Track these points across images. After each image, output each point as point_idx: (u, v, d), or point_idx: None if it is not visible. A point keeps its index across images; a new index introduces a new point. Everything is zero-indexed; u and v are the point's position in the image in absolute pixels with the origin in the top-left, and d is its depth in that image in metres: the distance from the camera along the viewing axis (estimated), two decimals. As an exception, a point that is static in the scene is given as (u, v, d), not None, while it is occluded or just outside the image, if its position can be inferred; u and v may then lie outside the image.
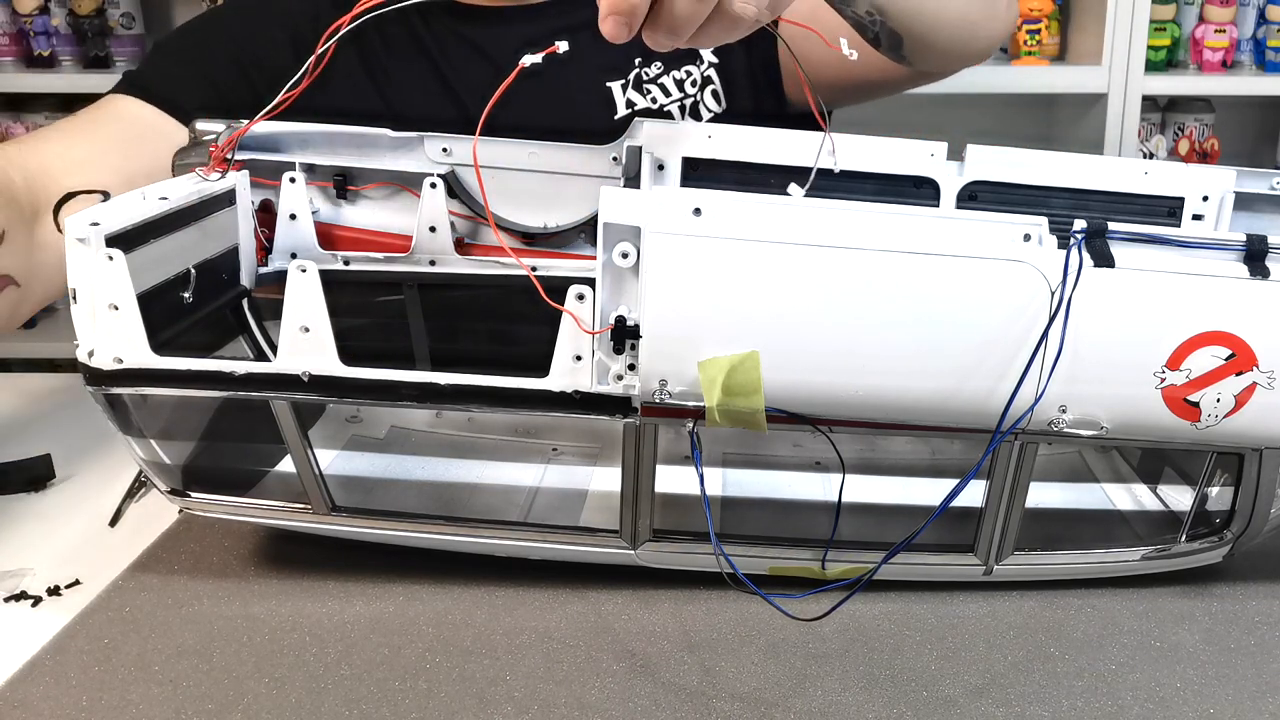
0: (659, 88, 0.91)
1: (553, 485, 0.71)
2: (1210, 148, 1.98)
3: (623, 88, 0.90)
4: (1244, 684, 0.56)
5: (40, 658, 0.57)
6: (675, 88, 0.91)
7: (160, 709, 0.53)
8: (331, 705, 0.54)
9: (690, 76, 0.91)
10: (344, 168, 0.72)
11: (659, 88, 0.91)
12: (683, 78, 0.91)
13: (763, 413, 0.53)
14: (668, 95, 0.91)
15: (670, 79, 0.91)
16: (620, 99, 0.91)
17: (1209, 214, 0.67)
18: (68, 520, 0.72)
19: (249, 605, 0.62)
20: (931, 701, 0.54)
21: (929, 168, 0.67)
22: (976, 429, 0.56)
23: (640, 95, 0.90)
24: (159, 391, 0.59)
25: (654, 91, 0.91)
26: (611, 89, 0.91)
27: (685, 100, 0.92)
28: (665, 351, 0.53)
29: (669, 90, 0.91)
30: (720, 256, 0.52)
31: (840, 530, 0.61)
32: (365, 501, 0.64)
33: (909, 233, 0.54)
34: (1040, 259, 0.53)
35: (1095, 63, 1.79)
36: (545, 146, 0.70)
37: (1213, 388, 0.55)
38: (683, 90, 0.91)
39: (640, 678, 0.56)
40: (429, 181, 0.70)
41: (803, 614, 0.59)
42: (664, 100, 0.91)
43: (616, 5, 0.53)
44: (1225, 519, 0.62)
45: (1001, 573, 0.62)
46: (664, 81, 0.91)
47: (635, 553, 0.62)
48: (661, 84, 0.91)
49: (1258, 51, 1.92)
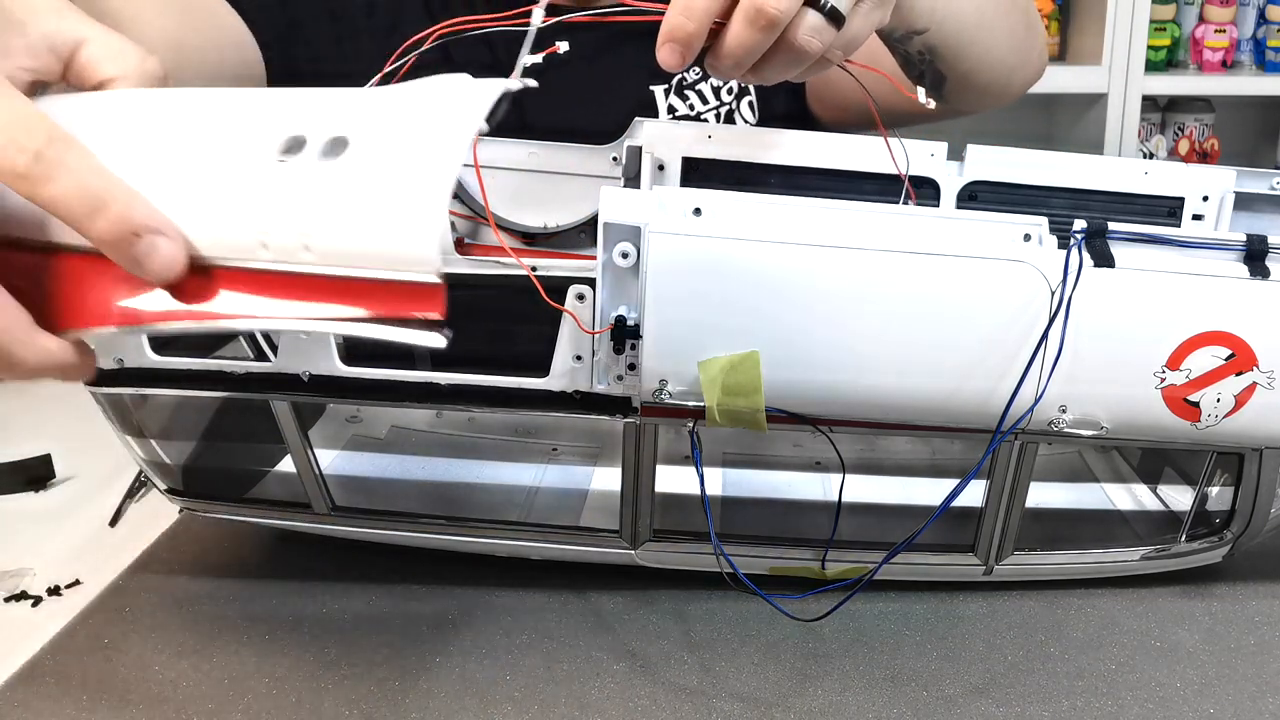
0: (697, 94, 0.91)
1: (553, 485, 0.71)
2: (1210, 148, 1.98)
3: (665, 92, 0.90)
4: (1244, 684, 0.56)
5: (40, 658, 0.57)
6: (713, 95, 0.91)
7: (160, 709, 0.53)
8: (331, 705, 0.54)
9: (727, 84, 0.91)
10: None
11: (697, 94, 0.91)
12: (720, 85, 0.91)
13: (763, 413, 0.53)
14: (705, 102, 0.91)
15: (709, 85, 0.91)
16: (663, 104, 0.91)
17: (1209, 214, 0.67)
18: (68, 520, 0.72)
19: (249, 605, 0.62)
20: (931, 701, 0.54)
21: (929, 168, 0.67)
22: (976, 429, 0.56)
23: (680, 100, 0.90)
24: (159, 391, 0.59)
25: (692, 98, 0.91)
26: (654, 92, 0.91)
27: (721, 108, 0.92)
28: (665, 351, 0.53)
29: (707, 97, 0.91)
30: (720, 256, 0.52)
31: (840, 530, 0.61)
32: (365, 501, 0.64)
33: (909, 233, 0.54)
34: (1040, 259, 0.53)
35: (1095, 63, 1.79)
36: (545, 146, 0.70)
37: (1213, 388, 0.55)
38: (719, 98, 0.91)
39: (640, 678, 0.56)
40: (429, 181, 0.69)
41: (803, 614, 0.59)
42: (702, 107, 0.91)
43: (673, 33, 0.53)
44: (1225, 519, 0.63)
45: (1001, 573, 0.62)
46: (702, 88, 0.91)
47: (635, 553, 0.62)
48: (699, 90, 0.91)
49: (1258, 51, 1.92)
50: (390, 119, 0.45)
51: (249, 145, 0.45)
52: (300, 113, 0.46)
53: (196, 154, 0.45)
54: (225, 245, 0.45)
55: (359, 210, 0.43)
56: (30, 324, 0.44)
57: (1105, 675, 0.56)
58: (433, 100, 0.46)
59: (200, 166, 0.45)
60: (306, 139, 0.44)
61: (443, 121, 0.45)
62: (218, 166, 0.45)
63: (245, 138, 0.45)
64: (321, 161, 0.44)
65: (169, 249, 0.43)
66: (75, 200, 0.42)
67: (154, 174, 0.44)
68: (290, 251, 0.44)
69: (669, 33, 0.53)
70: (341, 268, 0.44)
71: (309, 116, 0.45)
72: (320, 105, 0.47)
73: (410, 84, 0.47)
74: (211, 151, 0.45)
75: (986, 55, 0.84)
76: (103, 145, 0.44)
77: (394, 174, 0.43)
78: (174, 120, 0.47)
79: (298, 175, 0.44)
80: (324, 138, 0.44)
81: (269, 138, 0.45)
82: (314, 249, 0.44)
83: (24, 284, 0.44)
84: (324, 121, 0.45)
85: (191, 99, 0.48)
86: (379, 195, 0.43)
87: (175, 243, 0.44)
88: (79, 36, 0.48)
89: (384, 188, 0.43)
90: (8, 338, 0.43)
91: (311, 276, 0.45)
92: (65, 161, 0.42)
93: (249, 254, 0.44)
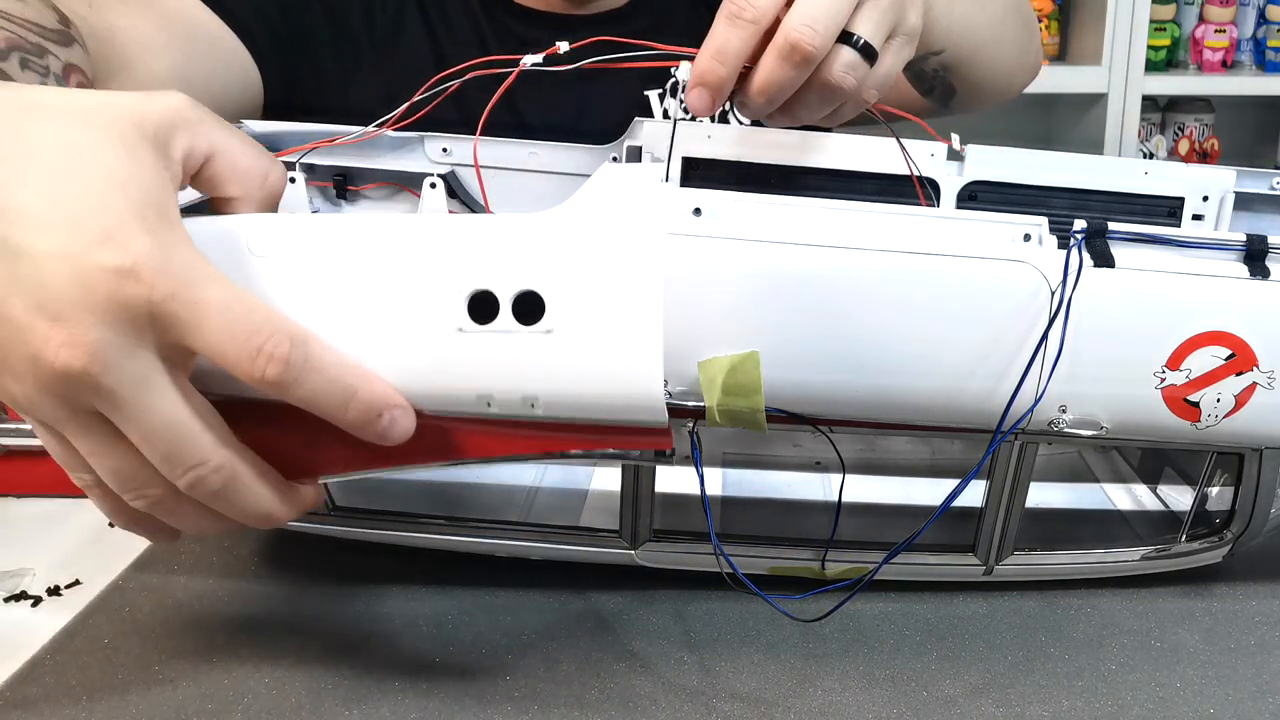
0: None
1: (553, 485, 0.71)
2: (1210, 148, 1.98)
3: (660, 96, 0.90)
4: (1244, 684, 0.56)
5: (40, 658, 0.57)
6: None
7: (160, 709, 0.53)
8: (331, 705, 0.54)
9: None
10: (344, 168, 0.72)
11: None
12: None
13: (763, 413, 0.53)
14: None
15: None
16: (657, 108, 0.90)
17: (1209, 214, 0.67)
18: (68, 520, 0.72)
19: (249, 605, 0.62)
20: (931, 701, 0.54)
21: (929, 168, 0.67)
22: (976, 429, 0.56)
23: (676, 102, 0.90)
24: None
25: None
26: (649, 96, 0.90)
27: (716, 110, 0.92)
28: (665, 351, 0.53)
29: None
30: (720, 256, 0.52)
31: (840, 530, 0.61)
32: (365, 502, 0.64)
33: (909, 233, 0.54)
34: (1040, 259, 0.53)
35: (1095, 63, 1.79)
36: (545, 146, 0.70)
37: (1213, 388, 0.55)
38: None
39: (640, 678, 0.56)
40: (429, 181, 0.69)
41: (803, 614, 0.59)
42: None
43: (704, 77, 0.53)
44: (1225, 519, 0.63)
45: (1001, 573, 0.62)
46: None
47: (635, 553, 0.62)
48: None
49: (1258, 51, 1.92)
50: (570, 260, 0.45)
51: (437, 305, 0.45)
52: (476, 256, 0.45)
53: (389, 313, 0.45)
54: (447, 407, 0.46)
55: (578, 375, 0.45)
56: (283, 481, 0.46)
57: (1105, 675, 0.56)
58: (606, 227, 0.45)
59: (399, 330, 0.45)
60: (497, 296, 0.45)
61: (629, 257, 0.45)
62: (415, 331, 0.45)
63: (428, 293, 0.45)
64: (523, 328, 0.45)
65: (406, 421, 0.45)
66: (326, 398, 0.43)
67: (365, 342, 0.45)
68: (517, 409, 0.46)
69: (700, 77, 0.53)
70: (572, 418, 0.46)
71: (488, 263, 0.45)
72: (493, 245, 0.46)
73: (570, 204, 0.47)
74: (402, 311, 0.45)
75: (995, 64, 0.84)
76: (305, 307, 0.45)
77: (604, 337, 0.45)
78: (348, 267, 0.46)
79: (501, 342, 0.45)
80: (513, 292, 0.45)
81: (453, 293, 0.45)
82: (540, 405, 0.46)
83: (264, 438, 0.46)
84: (507, 271, 0.45)
85: (350, 232, 0.46)
86: (595, 360, 0.45)
87: (409, 413, 0.45)
88: (210, 149, 0.47)
89: (599, 354, 0.45)
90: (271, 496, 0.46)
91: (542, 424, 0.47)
92: (310, 362, 0.42)
93: (477, 410, 0.46)
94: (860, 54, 0.54)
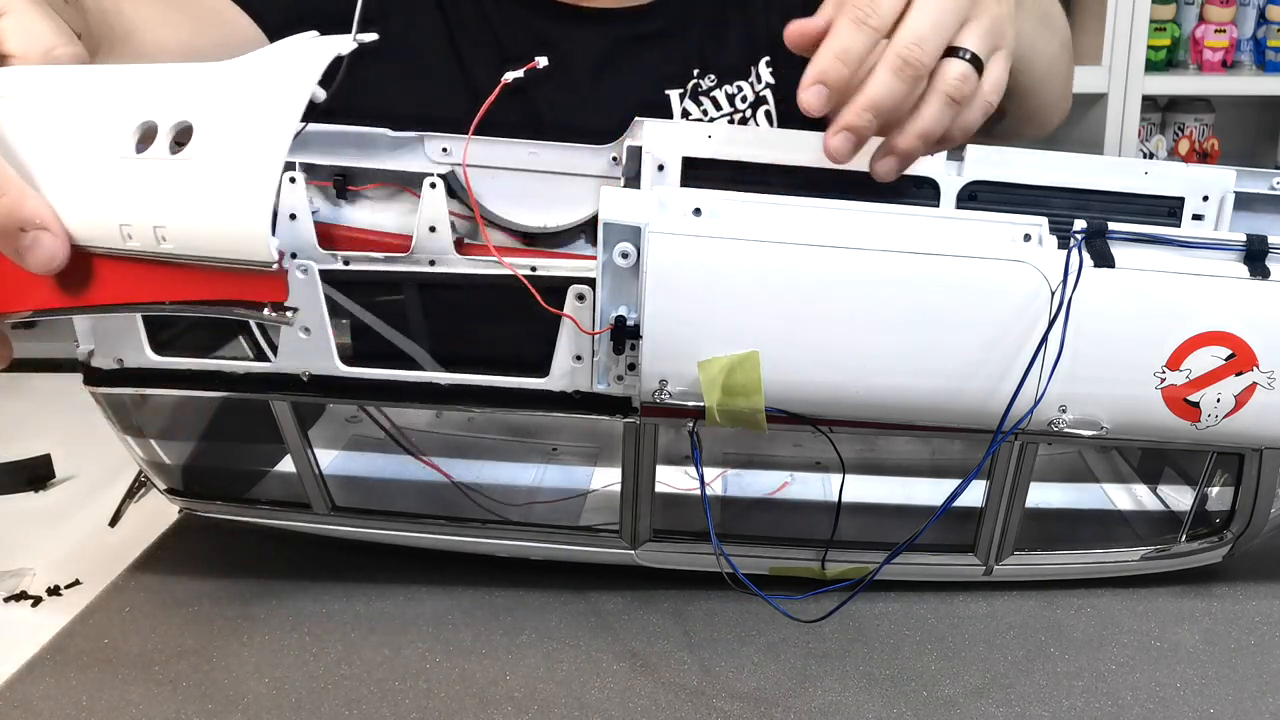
0: (712, 101, 0.91)
1: (553, 485, 0.71)
2: (1210, 148, 1.98)
3: (680, 97, 0.90)
4: (1244, 684, 0.56)
5: (40, 658, 0.57)
6: (727, 102, 0.91)
7: (160, 709, 0.53)
8: (331, 705, 0.54)
9: (741, 92, 0.91)
10: (344, 167, 0.72)
11: (712, 101, 0.91)
12: (734, 92, 0.91)
13: (763, 413, 0.53)
14: (719, 109, 0.91)
15: (723, 93, 0.91)
16: (677, 108, 0.90)
17: (1209, 214, 0.67)
18: (68, 520, 0.72)
19: (249, 605, 0.62)
20: (931, 701, 0.54)
21: (929, 167, 0.67)
22: (977, 429, 0.56)
23: (695, 105, 0.90)
24: (159, 391, 0.59)
25: (707, 104, 0.91)
26: (670, 96, 0.90)
27: (735, 116, 0.91)
28: (665, 351, 0.53)
29: (720, 104, 0.91)
30: (720, 256, 0.52)
31: (840, 530, 0.61)
32: (365, 501, 0.64)
33: (909, 233, 0.54)
34: (1040, 259, 0.53)
35: (1095, 63, 1.79)
36: (545, 146, 0.70)
37: (1213, 388, 0.55)
38: (734, 105, 0.91)
39: (640, 678, 0.56)
40: (429, 181, 0.69)
41: (803, 614, 0.59)
42: (715, 114, 0.91)
43: (824, 74, 0.53)
44: (1225, 519, 0.63)
45: (1001, 573, 0.62)
46: (717, 94, 0.91)
47: (635, 553, 0.62)
48: (714, 97, 0.91)
49: (1258, 51, 1.92)
50: (230, 101, 0.49)
51: (109, 134, 0.49)
52: (156, 95, 0.50)
53: (66, 143, 0.49)
54: (95, 235, 0.49)
55: (200, 204, 0.48)
56: None
57: (1105, 675, 0.56)
58: (268, 77, 0.50)
59: (69, 156, 0.49)
60: (158, 127, 0.48)
61: (273, 103, 0.49)
62: (83, 157, 0.49)
63: (107, 126, 0.49)
64: (168, 153, 0.48)
65: (51, 244, 0.47)
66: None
67: (34, 163, 0.49)
68: (149, 240, 0.49)
69: (821, 75, 0.54)
70: (196, 256, 0.49)
71: (163, 99, 0.49)
72: (174, 85, 0.50)
73: (254, 55, 0.51)
74: (78, 141, 0.49)
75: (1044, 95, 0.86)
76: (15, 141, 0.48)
77: (227, 168, 0.47)
78: (50, 105, 0.50)
79: (148, 169, 0.48)
80: (172, 123, 0.48)
81: (127, 125, 0.49)
82: (169, 238, 0.48)
83: None
84: (175, 105, 0.49)
85: (63, 79, 0.50)
86: (216, 190, 0.47)
87: (58, 239, 0.47)
88: (4, 7, 0.49)
89: (219, 182, 0.48)
90: None
91: (172, 265, 0.49)
92: None
93: (117, 242, 0.49)
94: (970, 64, 0.57)
